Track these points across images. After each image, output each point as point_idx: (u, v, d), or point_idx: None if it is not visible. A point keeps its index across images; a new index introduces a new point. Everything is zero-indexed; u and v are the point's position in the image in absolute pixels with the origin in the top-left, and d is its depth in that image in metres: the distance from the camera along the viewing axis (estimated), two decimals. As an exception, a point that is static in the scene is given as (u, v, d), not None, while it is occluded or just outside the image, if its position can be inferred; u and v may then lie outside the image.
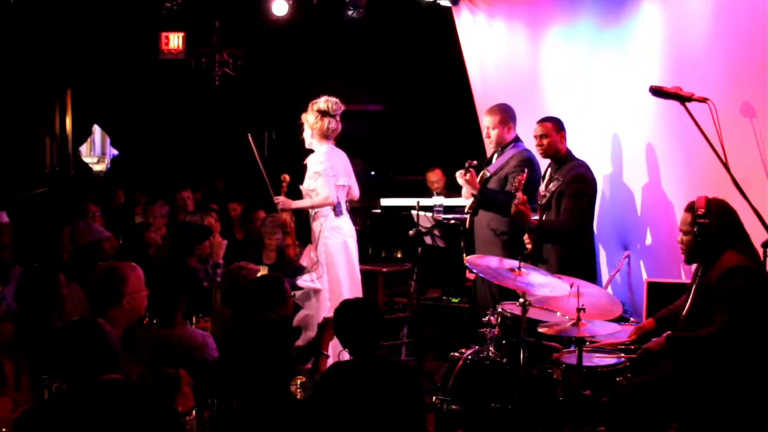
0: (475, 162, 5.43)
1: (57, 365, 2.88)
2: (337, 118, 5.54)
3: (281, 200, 5.51)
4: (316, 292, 5.44)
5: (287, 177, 5.55)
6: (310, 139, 5.57)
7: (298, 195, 5.59)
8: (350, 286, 5.48)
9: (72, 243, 5.58)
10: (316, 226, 5.49)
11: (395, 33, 9.29)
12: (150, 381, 3.51)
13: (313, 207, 5.48)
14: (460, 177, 5.43)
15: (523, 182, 4.85)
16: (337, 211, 5.49)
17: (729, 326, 3.58)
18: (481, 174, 5.54)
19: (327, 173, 5.41)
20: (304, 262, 5.58)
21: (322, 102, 5.51)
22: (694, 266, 3.99)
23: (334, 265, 5.45)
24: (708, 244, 3.73)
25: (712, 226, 3.71)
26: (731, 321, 3.58)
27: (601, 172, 5.50)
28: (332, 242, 5.46)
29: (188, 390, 3.48)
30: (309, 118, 5.52)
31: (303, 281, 5.45)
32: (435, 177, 7.88)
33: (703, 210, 3.73)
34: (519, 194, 4.83)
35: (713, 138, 3.93)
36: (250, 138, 5.56)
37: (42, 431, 2.64)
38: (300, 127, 5.60)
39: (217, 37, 8.79)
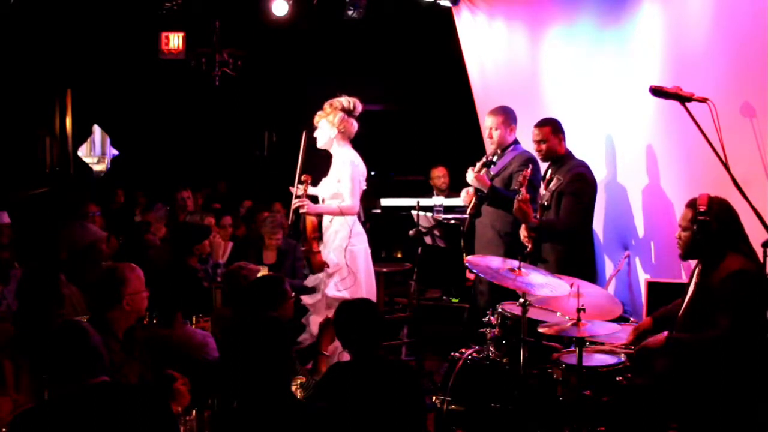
0: (492, 157, 5.40)
1: (44, 370, 2.85)
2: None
3: (305, 204, 5.10)
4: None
5: (309, 177, 5.20)
6: (328, 140, 5.25)
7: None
8: (367, 293, 5.25)
9: (67, 244, 5.56)
10: (336, 229, 5.22)
11: (395, 33, 9.28)
12: (150, 381, 3.51)
13: (342, 214, 5.16)
14: (472, 172, 5.35)
15: (527, 177, 4.86)
16: (360, 217, 5.31)
17: (731, 330, 3.57)
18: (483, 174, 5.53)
19: (358, 180, 5.17)
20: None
21: (345, 101, 5.23)
22: (692, 265, 3.99)
23: (358, 272, 5.21)
24: (706, 243, 3.72)
25: (712, 225, 3.69)
26: (734, 325, 3.57)
27: (600, 172, 5.50)
28: (357, 249, 5.23)
29: (185, 390, 3.47)
30: (333, 120, 5.20)
31: (331, 291, 5.16)
32: (440, 173, 7.87)
33: (704, 207, 3.71)
34: (523, 190, 4.83)
35: (713, 138, 3.92)
36: (304, 135, 5.23)
37: None
38: (310, 127, 5.30)
39: (217, 37, 8.80)
